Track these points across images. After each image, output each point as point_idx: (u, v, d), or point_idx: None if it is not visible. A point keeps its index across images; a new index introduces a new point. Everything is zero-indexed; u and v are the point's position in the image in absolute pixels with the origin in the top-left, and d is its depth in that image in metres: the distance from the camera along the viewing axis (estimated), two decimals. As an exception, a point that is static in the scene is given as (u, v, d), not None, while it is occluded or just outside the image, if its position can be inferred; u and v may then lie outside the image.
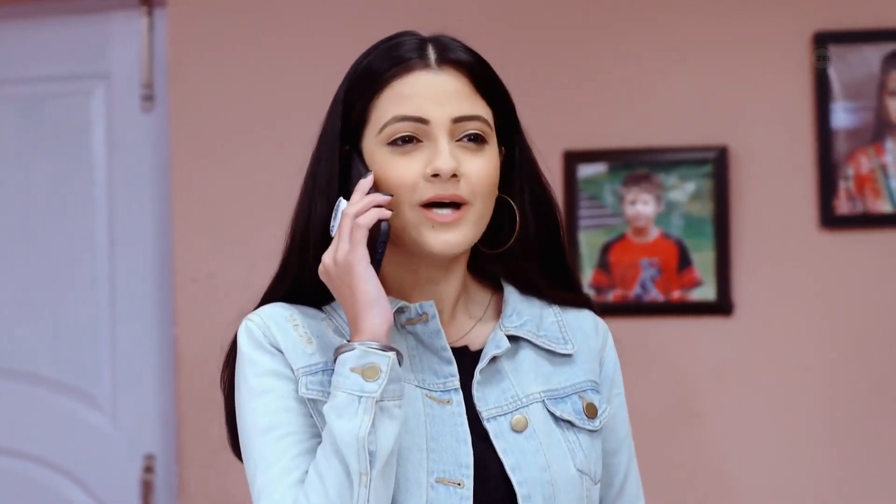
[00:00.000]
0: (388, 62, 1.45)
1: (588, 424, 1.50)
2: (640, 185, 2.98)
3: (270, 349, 1.46)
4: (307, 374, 1.44)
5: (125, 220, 3.29)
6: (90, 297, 3.31)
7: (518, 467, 1.43)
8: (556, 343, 1.53)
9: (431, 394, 1.45)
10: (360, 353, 1.38)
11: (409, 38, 1.48)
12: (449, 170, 1.42)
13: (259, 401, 1.44)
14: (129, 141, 3.29)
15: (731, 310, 2.96)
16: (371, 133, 1.46)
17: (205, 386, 3.12)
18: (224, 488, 3.12)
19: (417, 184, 1.43)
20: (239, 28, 3.18)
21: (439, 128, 1.43)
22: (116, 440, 3.30)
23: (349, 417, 1.35)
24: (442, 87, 1.44)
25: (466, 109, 1.45)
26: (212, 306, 3.12)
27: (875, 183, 2.91)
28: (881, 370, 2.94)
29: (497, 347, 1.49)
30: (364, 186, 1.43)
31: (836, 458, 2.95)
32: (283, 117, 3.13)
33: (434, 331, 1.47)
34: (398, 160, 1.44)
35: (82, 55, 3.33)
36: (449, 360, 1.47)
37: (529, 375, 1.50)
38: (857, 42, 2.91)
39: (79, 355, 3.32)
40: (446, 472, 1.41)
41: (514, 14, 3.06)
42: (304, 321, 1.48)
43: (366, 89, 1.46)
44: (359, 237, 1.40)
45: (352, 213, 1.41)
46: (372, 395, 1.36)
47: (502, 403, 1.47)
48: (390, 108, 1.44)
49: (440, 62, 1.45)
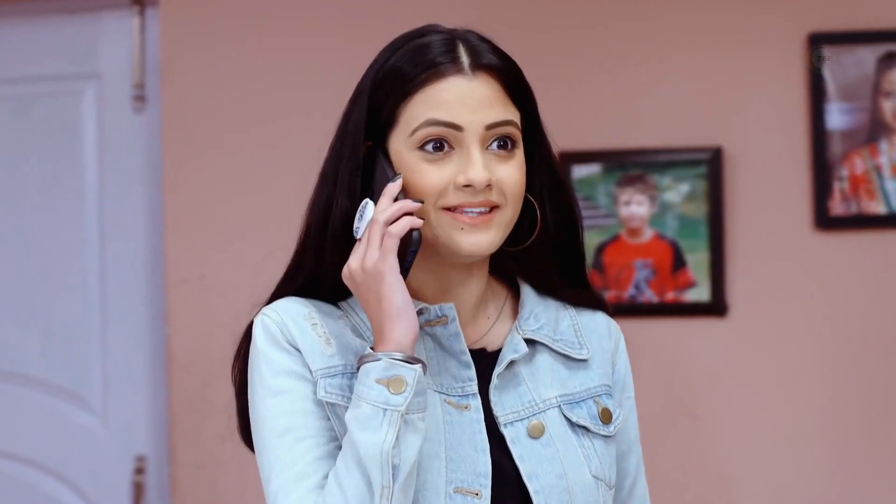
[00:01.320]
0: (421, 66, 1.43)
1: (603, 430, 1.49)
2: (634, 185, 2.98)
3: (288, 347, 1.44)
4: (326, 376, 1.42)
5: (116, 221, 3.28)
6: (80, 298, 3.29)
7: (535, 475, 1.42)
8: (572, 348, 1.53)
9: (450, 399, 1.44)
10: (387, 364, 1.36)
11: (437, 38, 1.45)
12: (482, 181, 1.40)
13: (275, 401, 1.42)
14: (120, 141, 3.28)
15: (725, 311, 2.96)
16: (400, 135, 1.43)
17: (197, 386, 3.12)
18: (216, 489, 3.11)
19: (447, 191, 1.41)
20: (231, 28, 3.17)
21: (472, 135, 1.41)
22: (107, 441, 3.29)
23: (374, 430, 1.33)
24: (475, 93, 1.42)
25: (499, 115, 1.43)
26: (204, 306, 3.12)
27: (869, 184, 2.91)
28: (875, 371, 2.94)
29: (515, 352, 1.48)
30: (392, 191, 1.41)
31: (830, 459, 2.95)
32: (276, 117, 3.12)
33: (453, 334, 1.46)
34: (428, 167, 1.42)
35: (73, 55, 3.31)
36: (468, 364, 1.46)
37: (546, 380, 1.49)
38: (851, 43, 2.91)
39: (69, 356, 3.31)
40: (465, 481, 1.40)
41: (508, 15, 3.06)
42: (322, 319, 1.46)
43: (395, 90, 1.44)
44: (390, 246, 1.38)
45: (382, 221, 1.39)
46: (398, 409, 1.34)
47: (519, 408, 1.46)
48: (423, 112, 1.42)
49: (473, 67, 1.43)
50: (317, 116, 3.09)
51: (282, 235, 3.05)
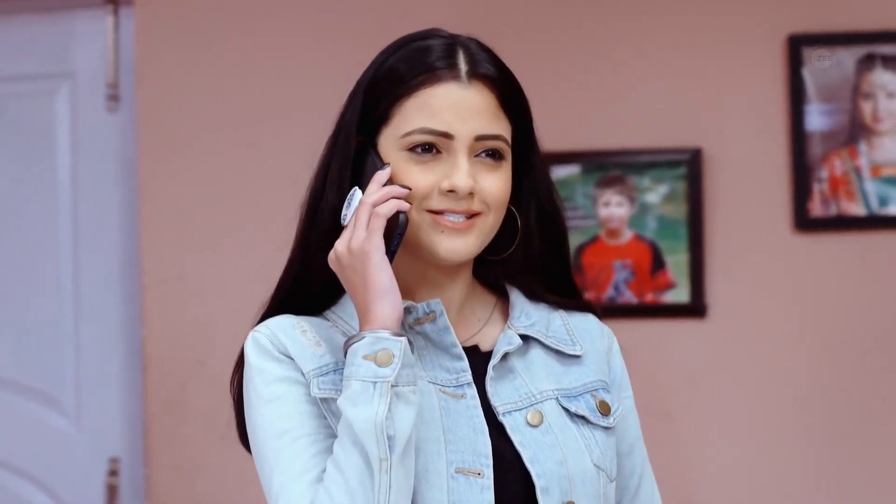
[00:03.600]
0: (418, 68, 1.45)
1: (602, 421, 1.51)
2: (613, 186, 2.97)
3: (279, 356, 1.45)
4: (318, 374, 1.44)
5: (90, 222, 3.26)
6: (54, 299, 3.28)
7: (536, 460, 1.43)
8: (565, 344, 1.54)
9: (445, 389, 1.45)
10: (372, 339, 1.37)
11: (438, 42, 1.47)
12: (466, 188, 1.42)
13: (270, 407, 1.43)
14: (93, 141, 3.27)
15: (704, 312, 2.96)
16: (391, 134, 1.45)
17: (174, 387, 3.10)
18: (192, 491, 3.10)
19: (431, 194, 1.43)
20: (207, 28, 3.16)
21: (461, 143, 1.43)
22: (80, 443, 3.27)
23: (365, 404, 1.35)
24: (469, 102, 1.44)
25: (490, 128, 1.45)
26: (181, 307, 3.11)
27: (849, 185, 2.91)
28: (854, 372, 2.95)
29: (509, 344, 1.49)
30: (381, 178, 1.43)
31: (808, 460, 2.96)
32: (253, 117, 3.11)
33: (443, 328, 1.47)
34: (415, 168, 1.44)
35: (46, 54, 3.29)
36: (459, 356, 1.47)
37: (541, 374, 1.51)
38: (831, 45, 2.92)
39: (42, 357, 3.29)
40: (465, 462, 1.41)
41: (486, 17, 3.05)
42: (311, 327, 1.48)
43: (391, 89, 1.46)
44: (376, 226, 1.40)
45: (370, 202, 1.41)
46: (387, 380, 1.35)
47: (516, 399, 1.47)
48: (416, 117, 1.44)
49: (470, 76, 1.45)
50: (294, 116, 3.11)
51: (260, 235, 3.08)
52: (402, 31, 1.54)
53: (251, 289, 3.07)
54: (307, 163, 3.32)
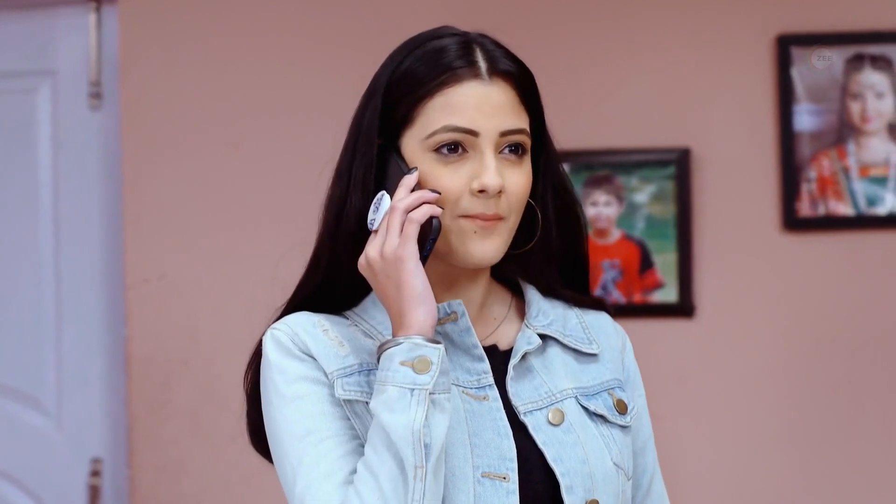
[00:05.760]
0: (437, 69, 1.44)
1: (620, 420, 1.52)
2: (601, 186, 2.97)
3: (300, 355, 1.45)
4: (343, 375, 1.43)
5: (72, 221, 3.25)
6: (35, 298, 3.26)
7: (559, 459, 1.44)
8: (582, 343, 1.54)
9: (467, 391, 1.45)
10: (410, 346, 1.37)
11: (453, 41, 1.47)
12: (496, 187, 1.42)
13: (292, 407, 1.42)
14: (76, 139, 3.25)
15: (692, 312, 2.96)
16: (415, 135, 1.45)
17: (157, 388, 3.09)
18: (176, 492, 3.09)
19: (462, 197, 1.43)
20: (191, 25, 3.15)
21: (487, 140, 1.44)
22: (62, 444, 3.25)
23: (402, 411, 1.34)
24: (492, 99, 1.44)
25: (514, 123, 1.45)
26: (164, 307, 3.10)
27: (837, 185, 2.92)
28: (842, 371, 2.96)
29: (529, 344, 1.49)
30: (409, 182, 1.42)
31: (796, 459, 2.97)
32: (237, 116, 3.11)
33: (464, 329, 1.47)
34: (443, 170, 1.44)
35: (28, 51, 3.28)
36: (481, 357, 1.47)
37: (560, 372, 1.51)
38: (819, 45, 2.91)
39: (23, 357, 3.27)
40: (491, 466, 1.41)
41: (473, 15, 3.03)
42: (332, 326, 1.47)
43: (411, 91, 1.45)
44: (410, 232, 1.40)
45: (402, 208, 1.40)
46: (425, 387, 1.35)
47: (536, 399, 1.47)
48: (440, 116, 1.43)
49: (491, 73, 1.45)
50: (279, 115, 3.10)
51: (244, 235, 3.06)
52: (386, 30, 1.53)
53: (235, 289, 3.09)
54: (291, 162, 3.31)
